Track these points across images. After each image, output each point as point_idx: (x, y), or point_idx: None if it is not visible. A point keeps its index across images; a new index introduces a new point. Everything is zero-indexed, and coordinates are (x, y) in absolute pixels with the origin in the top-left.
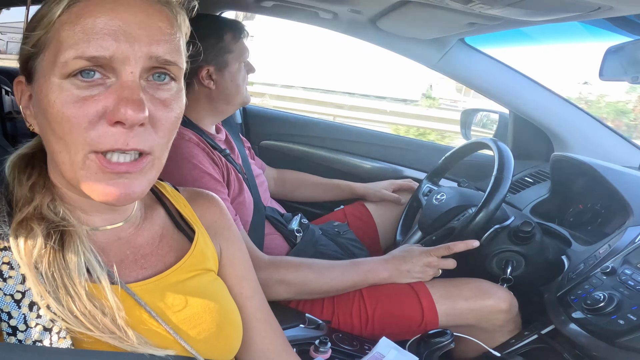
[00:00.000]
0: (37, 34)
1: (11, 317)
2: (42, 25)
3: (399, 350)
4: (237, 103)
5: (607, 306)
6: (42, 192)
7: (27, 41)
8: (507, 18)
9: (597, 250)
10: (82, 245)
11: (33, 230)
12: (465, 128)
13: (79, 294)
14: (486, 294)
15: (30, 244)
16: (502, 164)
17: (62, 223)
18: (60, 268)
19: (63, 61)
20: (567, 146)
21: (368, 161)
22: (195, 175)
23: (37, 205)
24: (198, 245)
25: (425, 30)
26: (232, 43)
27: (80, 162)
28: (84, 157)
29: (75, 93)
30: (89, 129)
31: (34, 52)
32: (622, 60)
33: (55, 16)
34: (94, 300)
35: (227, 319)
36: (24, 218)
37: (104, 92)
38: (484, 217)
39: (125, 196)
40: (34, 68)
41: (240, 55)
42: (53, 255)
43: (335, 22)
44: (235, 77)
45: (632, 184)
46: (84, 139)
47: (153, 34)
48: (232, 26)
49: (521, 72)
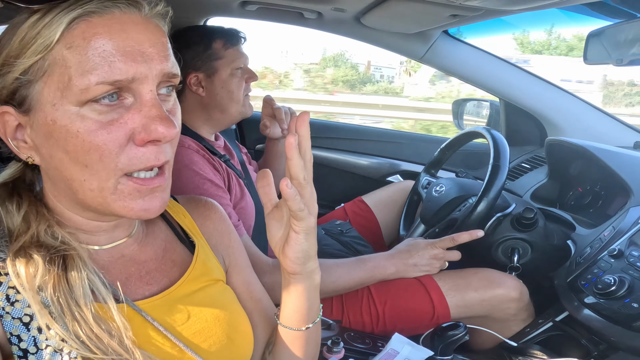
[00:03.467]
0: (26, 61)
1: (21, 340)
2: (33, 50)
3: (413, 345)
4: (234, 112)
5: (618, 290)
6: (37, 219)
7: (10, 69)
8: (488, 8)
9: (601, 233)
10: (85, 268)
11: (33, 257)
12: (457, 118)
13: (85, 317)
14: (495, 284)
15: (31, 271)
16: (498, 152)
17: (63, 247)
18: (65, 293)
19: (83, 88)
20: (560, 130)
21: (364, 157)
22: (197, 182)
23: (34, 233)
24: (199, 257)
25: (409, 24)
26: (222, 50)
27: (112, 188)
28: (116, 182)
29: (99, 119)
30: (119, 154)
31: (25, 80)
32: (605, 43)
33: (54, 40)
34: (101, 323)
35: (237, 329)
36: (21, 247)
37: (126, 113)
38: (485, 206)
39: (160, 207)
40: (29, 97)
41: (231, 61)
42: (57, 281)
43: (320, 21)
44: (227, 84)
45: (629, 164)
46: (115, 164)
47: (161, 51)
48: (223, 34)
49: (507, 60)
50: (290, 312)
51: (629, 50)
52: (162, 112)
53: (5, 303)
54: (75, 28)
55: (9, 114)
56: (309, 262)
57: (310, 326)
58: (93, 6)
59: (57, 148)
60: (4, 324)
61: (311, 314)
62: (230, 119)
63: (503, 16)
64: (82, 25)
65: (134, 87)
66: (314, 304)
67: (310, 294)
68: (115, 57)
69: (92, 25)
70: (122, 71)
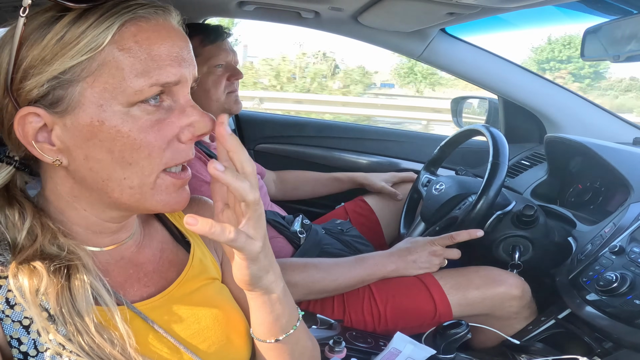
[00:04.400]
0: (67, 61)
1: (21, 343)
2: (78, 50)
3: (415, 344)
4: (215, 110)
5: (620, 286)
6: (43, 233)
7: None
8: (485, 6)
9: (602, 230)
10: (88, 275)
11: (36, 269)
12: (456, 116)
13: (87, 329)
14: (496, 281)
15: (35, 283)
16: (497, 150)
17: (68, 257)
18: (68, 303)
19: (138, 89)
20: (559, 127)
21: (365, 156)
22: (194, 185)
23: (38, 247)
24: (195, 255)
25: (406, 23)
26: (198, 47)
27: (152, 183)
28: (156, 177)
29: (148, 118)
30: (166, 150)
31: (65, 80)
32: (602, 40)
33: (105, 41)
34: (103, 332)
35: (236, 329)
36: (24, 259)
37: (171, 114)
38: (485, 204)
39: (187, 200)
40: (67, 98)
41: (208, 59)
42: (60, 292)
43: (318, 21)
44: (202, 82)
45: (628, 160)
46: (160, 160)
47: (192, 57)
48: (201, 31)
49: (505, 57)
50: (255, 324)
51: (626, 46)
52: (202, 111)
53: (5, 306)
54: (125, 31)
55: (35, 115)
56: (261, 282)
57: (281, 338)
58: (141, 11)
59: (100, 149)
60: (3, 327)
61: (280, 325)
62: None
63: (499, 14)
64: (132, 28)
65: (175, 89)
66: (281, 315)
67: (272, 307)
68: (166, 61)
69: (142, 29)
70: (172, 74)
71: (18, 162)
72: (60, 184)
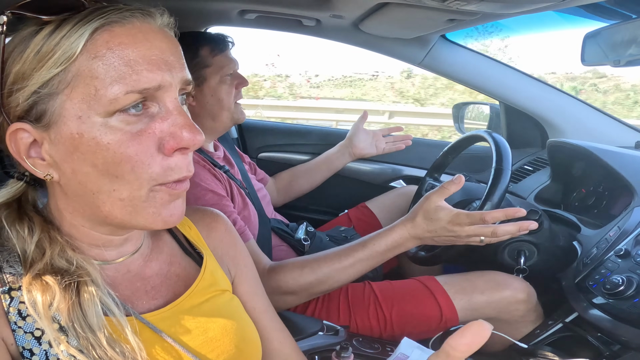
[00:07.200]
0: (44, 74)
1: (33, 354)
2: (53, 62)
3: (423, 349)
4: (225, 119)
5: (627, 289)
6: (51, 246)
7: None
8: (484, 12)
9: (607, 233)
10: (97, 290)
11: (49, 284)
12: (458, 122)
13: (99, 342)
14: (502, 286)
15: (48, 299)
16: (500, 155)
17: (78, 272)
18: (80, 319)
19: (112, 98)
20: (561, 131)
21: (367, 163)
22: (198, 194)
23: (48, 260)
24: (207, 268)
25: (407, 30)
26: (209, 57)
27: (144, 196)
28: (149, 190)
29: (128, 129)
30: (151, 164)
31: (44, 93)
32: (602, 45)
33: (77, 51)
34: (115, 346)
35: (245, 339)
36: (37, 274)
37: (152, 122)
38: (489, 209)
39: (182, 214)
40: (49, 111)
41: (220, 68)
42: (72, 308)
43: (319, 28)
44: (216, 92)
45: (631, 164)
46: (149, 174)
47: (180, 59)
48: (209, 40)
49: (505, 63)
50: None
51: (626, 51)
52: (188, 119)
53: (18, 317)
54: (97, 38)
55: (24, 131)
56: None
57: None
58: (114, 16)
59: (84, 162)
60: (16, 338)
61: None
62: (223, 127)
63: (500, 19)
64: (104, 35)
65: (159, 95)
66: None
67: None
68: (142, 65)
69: (115, 34)
70: (150, 79)
71: (29, 177)
72: (58, 200)
